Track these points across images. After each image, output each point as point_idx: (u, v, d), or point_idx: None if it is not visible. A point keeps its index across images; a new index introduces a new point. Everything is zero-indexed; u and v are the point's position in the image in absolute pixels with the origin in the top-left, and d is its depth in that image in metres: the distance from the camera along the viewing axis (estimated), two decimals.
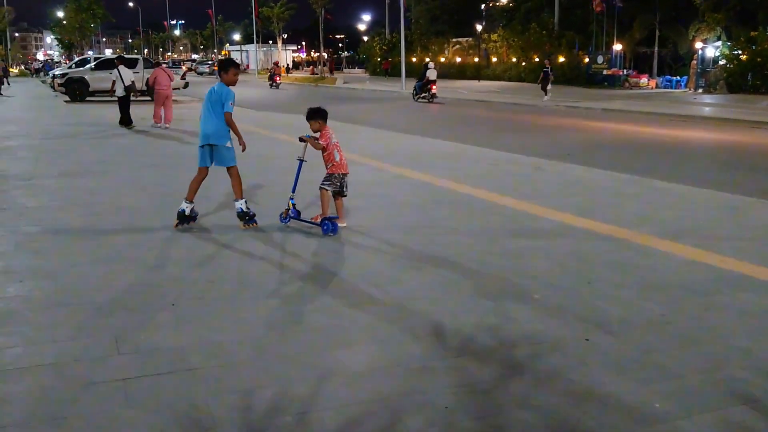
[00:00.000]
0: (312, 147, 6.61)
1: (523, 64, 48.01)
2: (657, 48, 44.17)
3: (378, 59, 66.01)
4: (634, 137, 16.87)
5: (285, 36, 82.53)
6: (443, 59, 61.29)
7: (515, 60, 49.86)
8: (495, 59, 54.09)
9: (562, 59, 45.21)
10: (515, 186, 9.07)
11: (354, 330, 4.27)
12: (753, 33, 32.71)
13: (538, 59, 45.45)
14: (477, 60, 54.92)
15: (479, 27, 55.01)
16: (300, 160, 6.74)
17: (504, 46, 51.93)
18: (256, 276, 5.33)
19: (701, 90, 34.60)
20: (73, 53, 71.33)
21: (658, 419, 3.22)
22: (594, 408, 3.31)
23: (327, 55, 70.88)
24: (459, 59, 59.50)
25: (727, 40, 35.46)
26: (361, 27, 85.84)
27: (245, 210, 6.66)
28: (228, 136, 6.56)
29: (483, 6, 58.21)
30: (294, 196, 6.77)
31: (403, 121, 20.30)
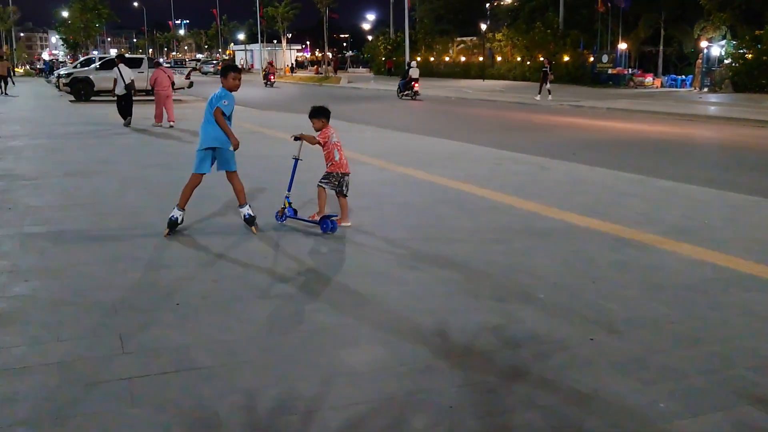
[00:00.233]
0: (307, 143, 6.66)
1: (528, 63, 47.94)
2: (662, 47, 44.07)
3: (382, 58, 66.02)
4: (639, 136, 16.83)
5: (289, 35, 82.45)
6: (448, 58, 61.28)
7: (520, 59, 49.79)
8: (499, 58, 54.03)
9: (566, 58, 45.13)
10: (520, 185, 9.06)
11: (358, 329, 4.27)
12: (758, 32, 32.59)
13: (542, 58, 45.39)
14: (481, 59, 54.87)
15: (484, 26, 54.97)
16: (295, 158, 6.78)
17: (508, 45, 51.87)
18: (260, 275, 5.34)
19: (706, 89, 34.50)
20: (78, 53, 71.51)
21: (662, 419, 3.21)
22: (599, 408, 3.30)
23: (331, 55, 70.84)
24: (463, 58, 59.46)
25: (733, 39, 35.36)
26: (366, 26, 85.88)
27: (252, 215, 6.57)
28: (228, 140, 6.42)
29: (487, 5, 58.16)
30: (290, 194, 6.80)
31: (407, 121, 20.30)
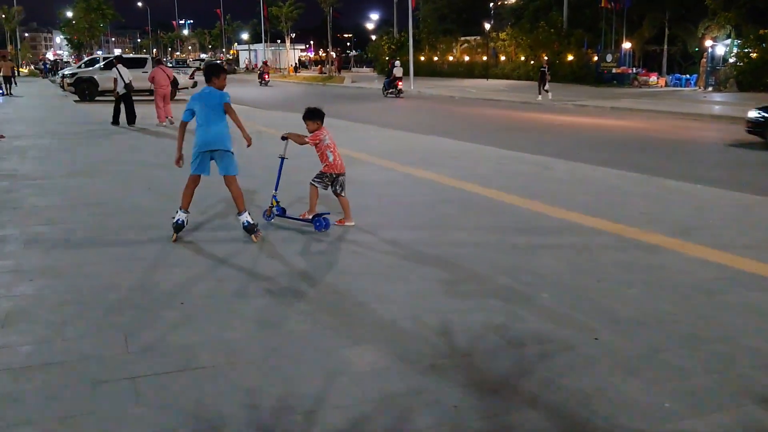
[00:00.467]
0: (294, 143, 6.70)
1: (532, 62, 47.87)
2: (666, 46, 43.95)
3: (386, 58, 66.00)
4: (643, 136, 16.79)
5: (293, 35, 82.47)
6: (451, 58, 61.21)
7: (524, 59, 49.73)
8: (503, 58, 53.97)
9: (570, 58, 45.05)
10: (523, 185, 9.05)
11: (362, 328, 4.27)
12: (763, 31, 32.47)
13: (546, 57, 45.33)
14: (485, 59, 54.81)
15: (487, 26, 54.90)
16: (281, 157, 6.81)
17: (512, 44, 51.79)
18: (263, 275, 5.34)
19: (711, 88, 34.41)
20: (83, 53, 71.63)
21: (667, 418, 3.21)
22: (603, 407, 3.30)
23: (335, 54, 70.84)
24: (467, 58, 59.38)
25: (737, 38, 35.25)
26: (370, 26, 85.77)
27: (252, 222, 6.32)
28: (231, 141, 6.28)
29: (491, 5, 58.08)
30: (277, 193, 6.83)
31: (410, 120, 20.29)
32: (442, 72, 58.70)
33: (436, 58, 62.01)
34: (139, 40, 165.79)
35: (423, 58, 60.10)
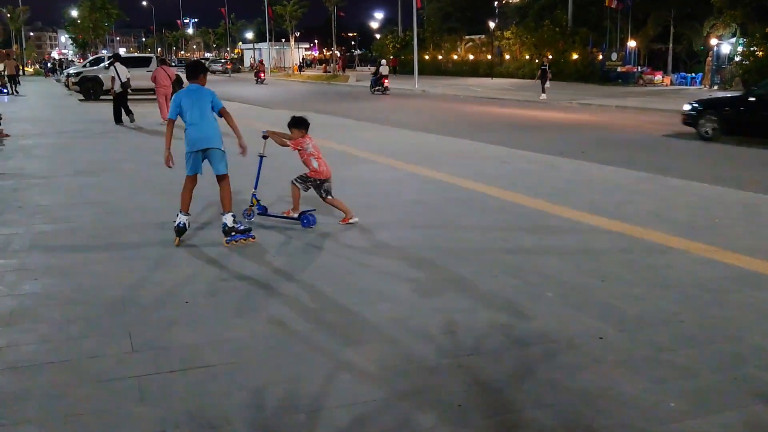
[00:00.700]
0: (275, 143, 6.69)
1: (536, 61, 47.82)
2: (672, 44, 43.83)
3: (390, 57, 65.99)
4: (648, 135, 16.75)
5: (297, 34, 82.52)
6: (456, 57, 61.16)
7: (528, 57, 49.66)
8: (508, 56, 53.91)
9: (575, 56, 44.96)
10: (528, 184, 9.03)
11: (366, 328, 4.27)
12: None
13: (551, 56, 45.23)
14: (490, 57, 54.75)
15: (492, 24, 54.85)
16: (260, 156, 6.79)
17: (517, 43, 51.75)
18: (267, 274, 5.34)
19: (716, 87, 34.29)
20: (88, 52, 71.77)
21: (672, 418, 3.20)
22: (608, 407, 3.29)
23: (339, 53, 70.82)
24: (472, 57, 59.34)
25: (743, 36, 35.12)
26: (374, 25, 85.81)
27: (231, 225, 6.13)
28: (222, 138, 6.17)
29: (496, 3, 58.04)
30: (256, 192, 6.82)
31: (415, 119, 20.28)
32: (446, 71, 58.67)
33: (440, 56, 62.00)
34: (144, 39, 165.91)
35: (427, 56, 60.10)
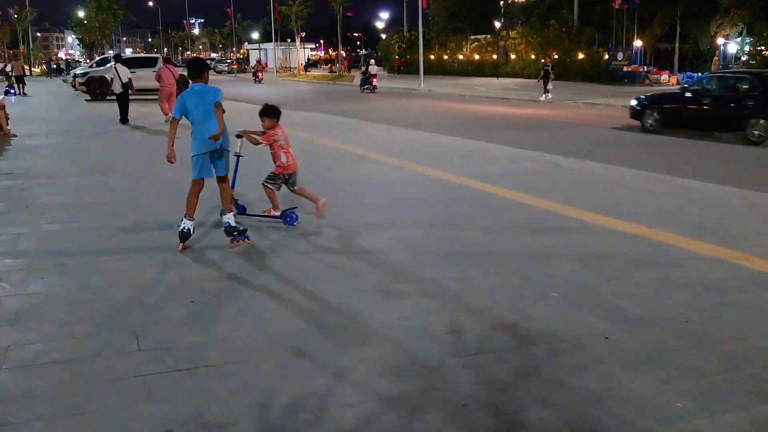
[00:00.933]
0: (248, 142, 6.68)
1: (542, 61, 47.76)
2: (678, 44, 43.71)
3: (395, 57, 65.98)
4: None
5: (303, 34, 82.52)
6: (461, 56, 61.10)
7: (534, 57, 49.59)
8: (513, 56, 53.84)
9: (581, 56, 44.87)
10: (534, 184, 9.01)
11: (371, 328, 4.27)
12: None
13: (557, 56, 45.14)
14: (495, 57, 54.69)
15: (498, 24, 54.78)
16: (237, 155, 6.76)
17: (523, 43, 51.69)
18: (272, 274, 5.35)
19: None
20: (94, 52, 71.94)
21: (679, 418, 3.19)
22: (613, 407, 3.28)
23: (344, 53, 70.80)
24: (477, 56, 59.27)
25: (750, 35, 34.99)
26: (379, 25, 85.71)
27: (234, 225, 6.07)
28: (229, 139, 6.14)
29: (502, 3, 57.97)
30: (234, 192, 6.76)
31: (420, 119, 20.26)
32: (452, 71, 58.62)
33: (446, 56, 61.93)
34: (150, 39, 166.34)
35: (433, 56, 60.03)
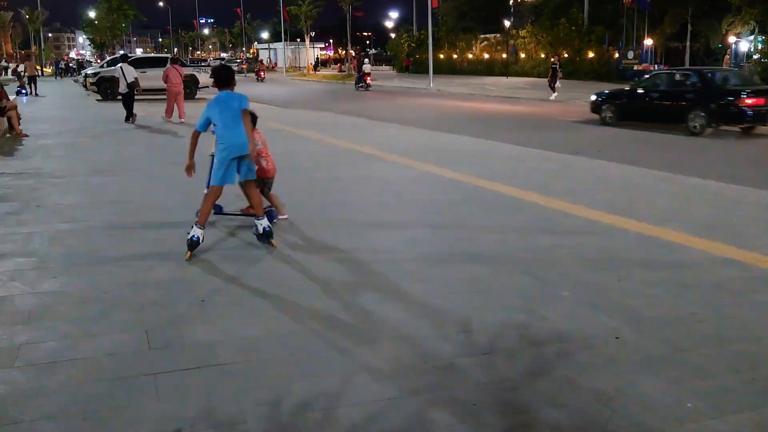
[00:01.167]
0: None
1: (552, 59, 47.62)
2: (689, 42, 43.43)
3: (404, 56, 65.90)
4: (665, 133, 16.60)
5: (313, 34, 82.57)
6: (471, 56, 60.96)
7: (544, 56, 49.42)
8: (523, 55, 53.68)
9: (591, 55, 44.67)
10: (544, 183, 8.99)
11: (382, 327, 4.27)
12: None
13: (567, 54, 44.94)
14: (505, 56, 54.56)
15: (507, 23, 54.63)
16: (212, 156, 6.72)
17: (532, 42, 51.51)
18: (283, 272, 5.36)
19: None
20: (105, 52, 72.29)
21: (689, 419, 3.18)
22: (624, 407, 3.27)
23: (353, 53, 70.77)
24: (487, 56, 59.13)
25: (761, 34, 34.72)
26: (389, 24, 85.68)
27: (271, 227, 6.13)
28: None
29: (511, 2, 57.79)
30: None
31: (430, 118, 20.24)
32: (461, 70, 58.48)
33: (455, 56, 61.79)
34: (161, 39, 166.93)
35: (442, 56, 59.90)
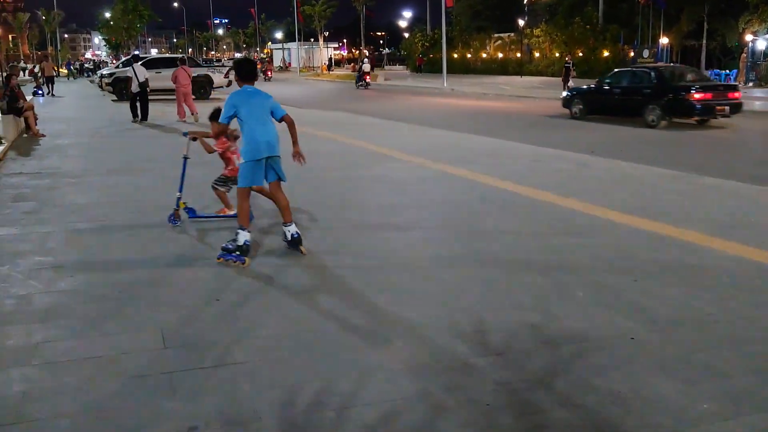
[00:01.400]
0: (203, 149, 6.63)
1: (566, 58, 47.38)
2: (705, 41, 43.08)
3: (418, 56, 65.86)
4: (680, 133, 16.49)
5: (326, 34, 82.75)
6: (485, 55, 60.81)
7: (558, 55, 49.20)
8: (537, 54, 53.47)
9: (606, 53, 44.42)
10: (559, 183, 8.95)
11: (395, 327, 4.27)
12: None
13: (581, 54, 44.72)
14: (519, 55, 54.36)
15: (521, 22, 54.44)
16: (184, 157, 6.72)
17: (547, 41, 51.28)
18: (297, 272, 5.37)
19: (752, 84, 33.64)
20: (120, 53, 72.78)
21: (706, 420, 3.15)
22: (639, 408, 3.25)
23: (367, 53, 70.82)
24: (501, 55, 58.96)
25: None
26: (402, 24, 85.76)
27: (299, 234, 5.83)
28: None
29: (525, 1, 57.58)
30: (181, 195, 6.78)
31: (445, 118, 20.22)
32: (475, 69, 58.37)
33: (469, 55, 61.66)
34: (175, 39, 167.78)
35: (456, 55, 59.81)
